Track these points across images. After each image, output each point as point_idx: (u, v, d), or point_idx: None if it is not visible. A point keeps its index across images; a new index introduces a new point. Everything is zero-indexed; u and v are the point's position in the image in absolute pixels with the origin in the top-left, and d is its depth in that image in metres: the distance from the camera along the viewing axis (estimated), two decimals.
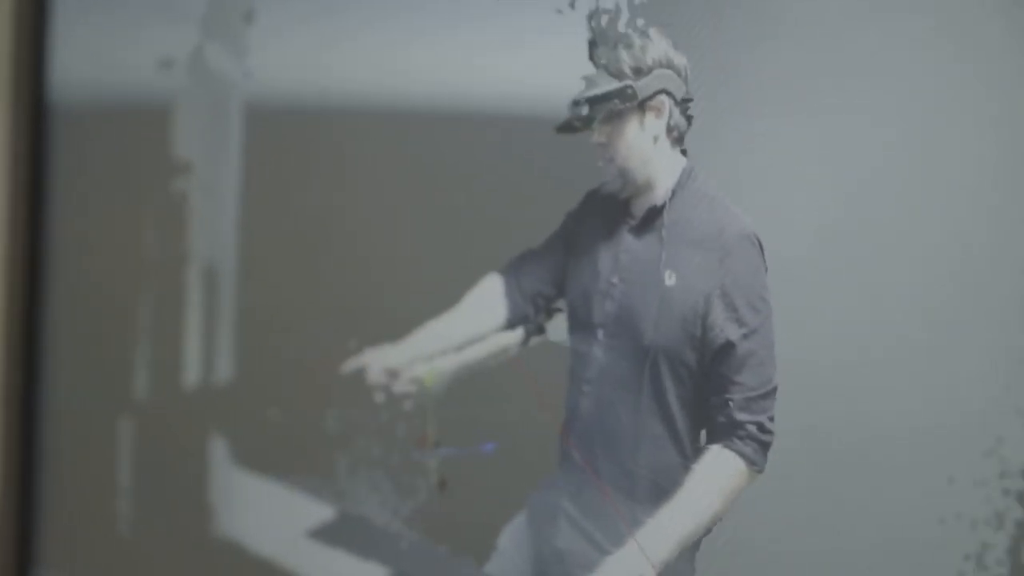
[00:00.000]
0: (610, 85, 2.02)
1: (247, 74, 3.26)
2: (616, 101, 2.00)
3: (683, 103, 2.04)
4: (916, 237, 2.73)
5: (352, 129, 3.23)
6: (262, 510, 3.38)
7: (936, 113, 2.72)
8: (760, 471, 1.95)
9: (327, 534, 3.23)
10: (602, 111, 2.00)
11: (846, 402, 2.75)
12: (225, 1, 3.25)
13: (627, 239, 2.06)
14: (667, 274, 1.99)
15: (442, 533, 3.19)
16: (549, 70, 3.18)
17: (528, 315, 2.26)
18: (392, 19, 3.25)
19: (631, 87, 2.00)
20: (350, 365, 2.12)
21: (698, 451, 2.00)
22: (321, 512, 3.29)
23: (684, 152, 2.07)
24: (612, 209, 2.11)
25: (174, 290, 3.35)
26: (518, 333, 2.34)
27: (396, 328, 3.29)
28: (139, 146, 3.33)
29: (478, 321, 2.24)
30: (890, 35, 2.73)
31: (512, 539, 2.18)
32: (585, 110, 2.02)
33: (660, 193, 2.03)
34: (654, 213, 2.04)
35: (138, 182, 3.34)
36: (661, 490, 2.01)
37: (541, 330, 2.34)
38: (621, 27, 2.13)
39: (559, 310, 2.24)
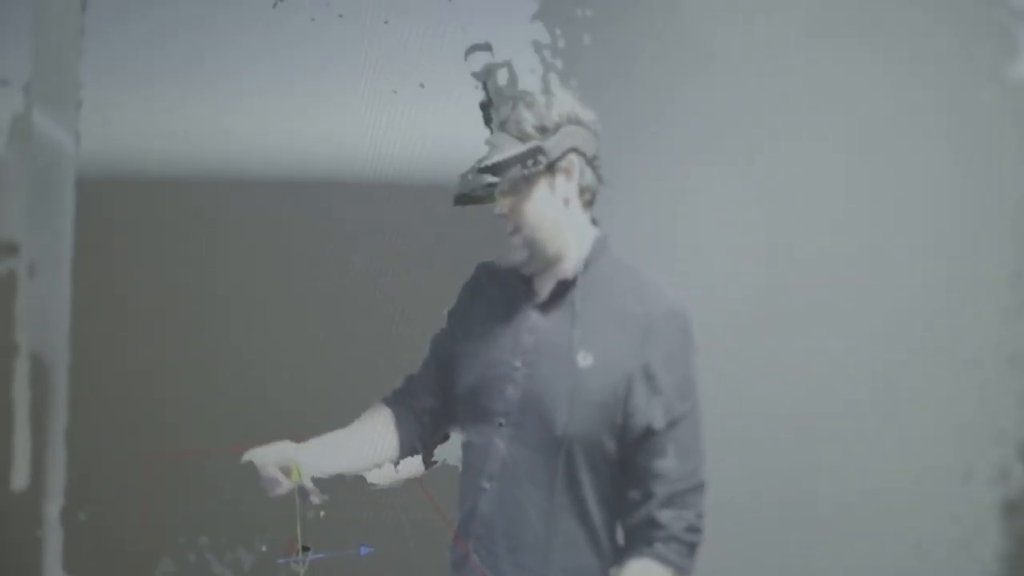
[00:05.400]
0: (516, 148, 1.79)
1: (78, 141, 2.96)
2: (520, 166, 1.77)
3: (593, 161, 1.83)
4: (877, 281, 2.63)
5: (198, 198, 2.97)
6: None
7: (887, 138, 2.62)
8: None
9: None
10: (508, 178, 1.78)
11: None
12: (54, 63, 2.95)
13: (532, 317, 1.82)
14: (581, 355, 1.76)
15: None
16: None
17: (423, 437, 2.00)
18: (231, 81, 3.01)
19: (540, 148, 1.77)
20: (246, 456, 1.82)
21: (616, 551, 1.77)
22: None
23: (594, 221, 1.86)
24: (511, 284, 1.88)
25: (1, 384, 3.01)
26: (417, 463, 2.08)
27: (250, 424, 2.98)
28: None
29: (371, 453, 1.98)
30: (832, 61, 2.63)
31: None
32: (489, 178, 1.78)
33: (570, 266, 1.81)
34: (564, 287, 1.81)
35: None
36: None
37: (439, 443, 2.08)
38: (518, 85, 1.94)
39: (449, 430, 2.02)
